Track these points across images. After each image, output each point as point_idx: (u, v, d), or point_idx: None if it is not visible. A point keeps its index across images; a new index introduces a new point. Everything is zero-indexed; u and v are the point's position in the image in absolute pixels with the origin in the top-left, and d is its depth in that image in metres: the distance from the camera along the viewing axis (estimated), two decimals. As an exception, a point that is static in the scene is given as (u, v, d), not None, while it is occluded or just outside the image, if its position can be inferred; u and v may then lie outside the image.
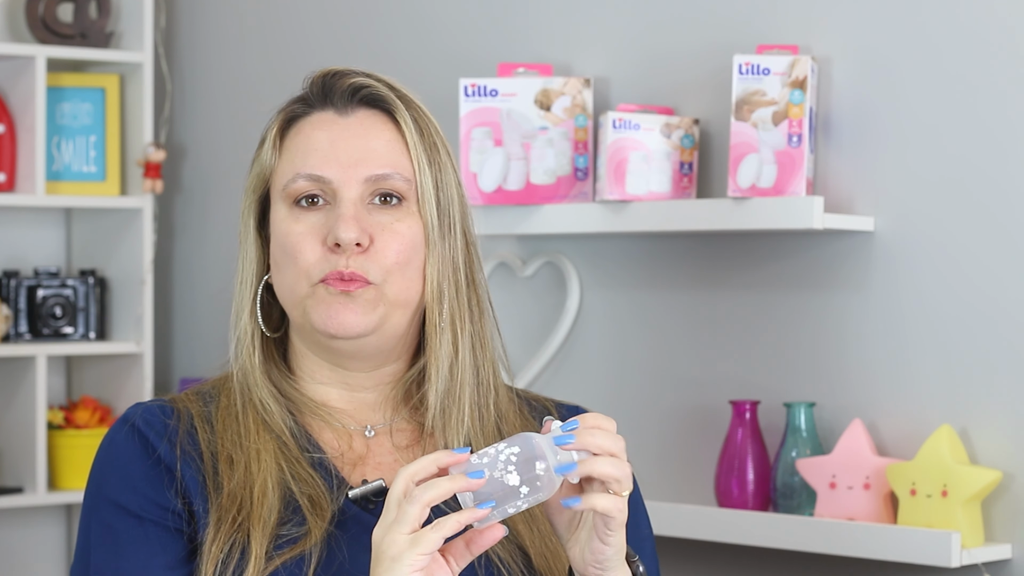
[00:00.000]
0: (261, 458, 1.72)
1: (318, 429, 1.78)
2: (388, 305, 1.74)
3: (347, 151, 1.75)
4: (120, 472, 1.73)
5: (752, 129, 2.56)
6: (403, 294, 1.75)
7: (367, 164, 1.75)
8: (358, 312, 1.72)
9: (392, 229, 1.74)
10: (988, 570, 2.46)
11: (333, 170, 1.74)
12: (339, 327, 1.72)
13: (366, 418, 1.80)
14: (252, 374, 1.78)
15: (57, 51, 3.45)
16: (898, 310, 2.56)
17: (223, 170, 3.56)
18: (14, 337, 3.50)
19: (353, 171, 1.74)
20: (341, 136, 1.76)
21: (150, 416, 1.75)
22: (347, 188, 1.74)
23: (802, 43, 2.63)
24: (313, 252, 1.73)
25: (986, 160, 2.47)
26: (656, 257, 2.83)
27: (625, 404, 2.85)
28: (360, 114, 1.78)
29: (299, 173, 1.75)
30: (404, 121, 1.77)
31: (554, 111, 2.77)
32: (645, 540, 1.85)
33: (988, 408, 2.47)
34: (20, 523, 3.57)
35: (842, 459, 2.54)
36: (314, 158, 1.75)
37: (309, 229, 1.74)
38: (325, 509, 1.70)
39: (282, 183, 1.77)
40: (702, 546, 2.74)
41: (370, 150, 1.76)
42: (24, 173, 3.44)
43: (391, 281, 1.73)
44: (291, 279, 1.74)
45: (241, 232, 1.81)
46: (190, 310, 3.66)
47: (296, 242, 1.74)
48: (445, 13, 3.12)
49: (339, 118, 1.77)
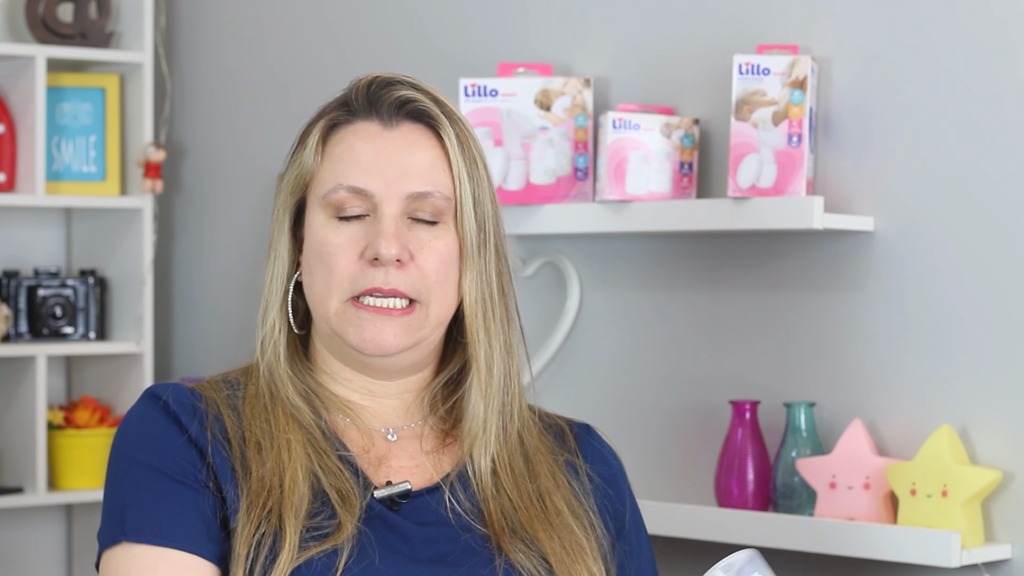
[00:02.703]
0: (292, 447, 1.73)
1: (343, 427, 1.78)
2: (430, 327, 1.75)
3: (391, 165, 1.75)
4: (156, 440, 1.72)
5: (752, 129, 2.56)
6: (443, 312, 1.77)
7: (410, 180, 1.75)
8: (397, 333, 1.74)
9: (431, 247, 1.75)
10: (988, 570, 2.46)
11: (376, 184, 1.74)
12: (375, 347, 1.74)
13: (388, 421, 1.80)
14: (277, 371, 1.78)
15: (57, 51, 3.45)
16: (898, 310, 2.56)
17: (223, 170, 3.56)
18: (14, 337, 3.50)
19: (396, 186, 1.74)
20: (385, 150, 1.76)
21: (180, 396, 1.75)
22: (388, 203, 1.74)
23: (802, 43, 2.63)
24: (350, 264, 1.74)
25: (986, 160, 2.47)
26: (656, 257, 2.83)
27: (625, 404, 2.85)
28: (405, 128, 1.77)
29: (341, 183, 1.75)
30: (448, 138, 1.77)
31: (554, 111, 2.77)
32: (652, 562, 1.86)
33: (988, 408, 2.47)
34: (20, 523, 3.57)
35: (842, 459, 2.54)
36: (357, 170, 1.75)
37: (347, 241, 1.74)
38: (354, 504, 1.70)
39: (323, 190, 1.76)
40: (702, 546, 2.74)
41: (413, 166, 1.76)
42: (24, 173, 3.44)
43: (433, 300, 1.75)
44: (323, 289, 1.75)
45: (274, 230, 1.81)
46: (190, 310, 3.66)
47: (332, 252, 1.74)
48: (445, 13, 3.12)
49: (384, 131, 1.77)
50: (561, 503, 1.78)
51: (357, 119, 1.78)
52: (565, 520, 1.76)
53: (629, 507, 1.86)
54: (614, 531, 1.82)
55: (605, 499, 1.82)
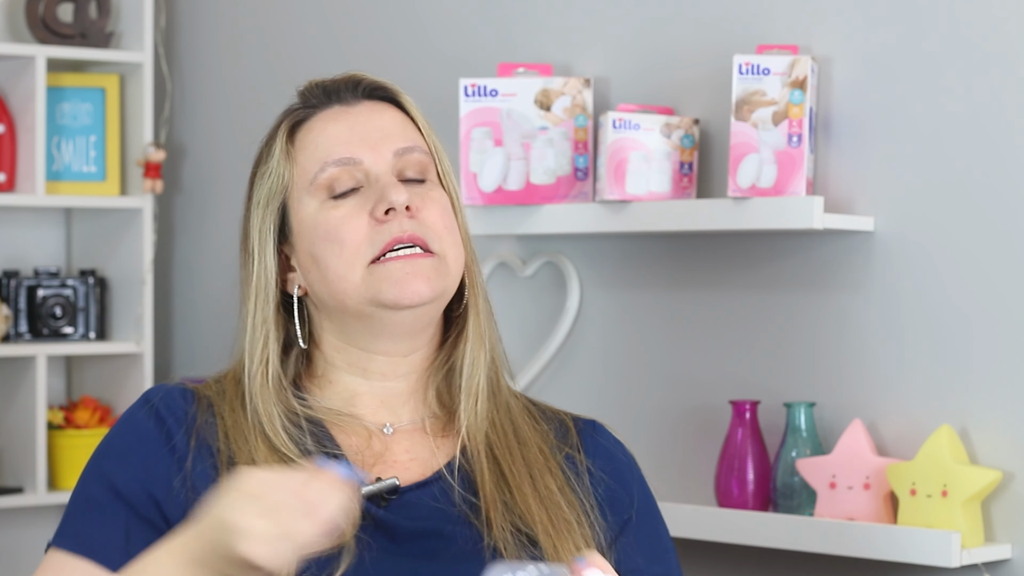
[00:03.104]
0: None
1: (337, 430, 1.78)
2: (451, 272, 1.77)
3: (367, 131, 1.78)
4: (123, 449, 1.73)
5: (752, 129, 2.56)
6: (459, 261, 1.78)
7: (391, 139, 1.78)
8: (430, 277, 1.74)
9: (430, 198, 1.78)
10: (988, 570, 2.46)
11: (361, 150, 1.77)
12: (414, 294, 1.73)
13: (386, 416, 1.80)
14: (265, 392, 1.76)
15: (57, 51, 3.45)
16: (898, 310, 2.56)
17: (223, 170, 3.56)
18: (14, 337, 3.50)
19: (380, 147, 1.77)
20: (357, 120, 1.79)
21: (171, 400, 1.76)
22: (378, 164, 1.77)
23: (802, 43, 2.63)
24: (360, 229, 1.74)
25: (986, 160, 2.47)
26: (656, 257, 2.83)
27: (625, 404, 2.85)
28: (366, 103, 1.81)
29: (327, 161, 1.77)
30: (408, 104, 1.82)
31: (554, 111, 2.77)
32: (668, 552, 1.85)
33: (988, 408, 2.47)
34: (20, 523, 3.57)
35: (842, 459, 2.54)
36: (337, 144, 1.77)
37: (350, 211, 1.75)
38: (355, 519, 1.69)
39: (308, 178, 1.77)
40: (702, 546, 2.74)
41: (387, 128, 1.79)
42: (24, 173, 3.44)
43: (447, 247, 1.76)
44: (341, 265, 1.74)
45: (253, 249, 1.79)
46: (190, 310, 3.66)
47: (339, 225, 1.75)
48: (445, 13, 3.12)
49: (348, 109, 1.80)
50: (552, 484, 1.77)
51: (317, 110, 1.81)
52: (555, 498, 1.76)
53: (638, 500, 1.84)
54: (616, 525, 1.81)
55: (607, 493, 1.82)
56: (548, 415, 1.86)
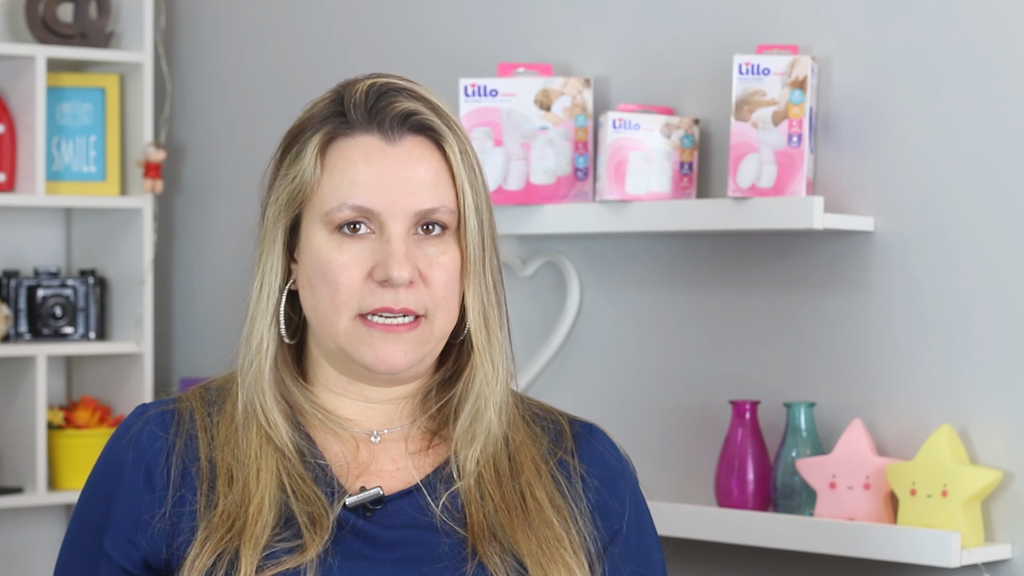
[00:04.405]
0: (261, 477, 1.72)
1: (323, 438, 1.78)
2: (435, 341, 1.75)
3: (395, 183, 1.73)
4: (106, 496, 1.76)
5: (752, 129, 2.56)
6: (447, 325, 1.76)
7: (416, 197, 1.73)
8: (407, 351, 1.73)
9: (438, 262, 1.74)
10: (988, 570, 2.46)
11: (382, 202, 1.72)
12: (386, 366, 1.73)
13: (374, 425, 1.80)
14: (260, 384, 1.76)
15: (57, 51, 3.45)
16: (898, 310, 2.56)
17: (223, 170, 3.56)
18: (14, 337, 3.50)
19: (402, 204, 1.73)
20: (390, 168, 1.73)
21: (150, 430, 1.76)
22: (395, 222, 1.73)
23: (802, 43, 2.63)
24: (356, 283, 1.72)
25: (986, 160, 2.47)
26: (656, 257, 2.83)
27: (625, 404, 2.85)
28: (407, 142, 1.75)
29: (345, 203, 1.73)
30: (451, 150, 1.75)
31: (554, 111, 2.77)
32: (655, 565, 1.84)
33: (988, 408, 2.47)
34: (20, 523, 3.57)
35: (842, 459, 2.54)
36: (362, 189, 1.73)
37: (353, 259, 1.73)
38: (325, 528, 1.69)
39: (325, 208, 1.74)
40: (702, 546, 2.74)
41: (418, 181, 1.73)
42: (24, 173, 3.44)
43: (439, 315, 1.74)
44: (329, 307, 1.73)
45: (265, 240, 1.78)
46: (190, 310, 3.66)
47: (338, 271, 1.72)
48: (445, 13, 3.12)
49: (387, 146, 1.74)
50: (542, 495, 1.77)
51: (356, 132, 1.75)
52: (545, 515, 1.75)
53: (630, 509, 1.83)
54: (607, 533, 1.80)
55: (599, 500, 1.81)
56: (543, 416, 1.85)
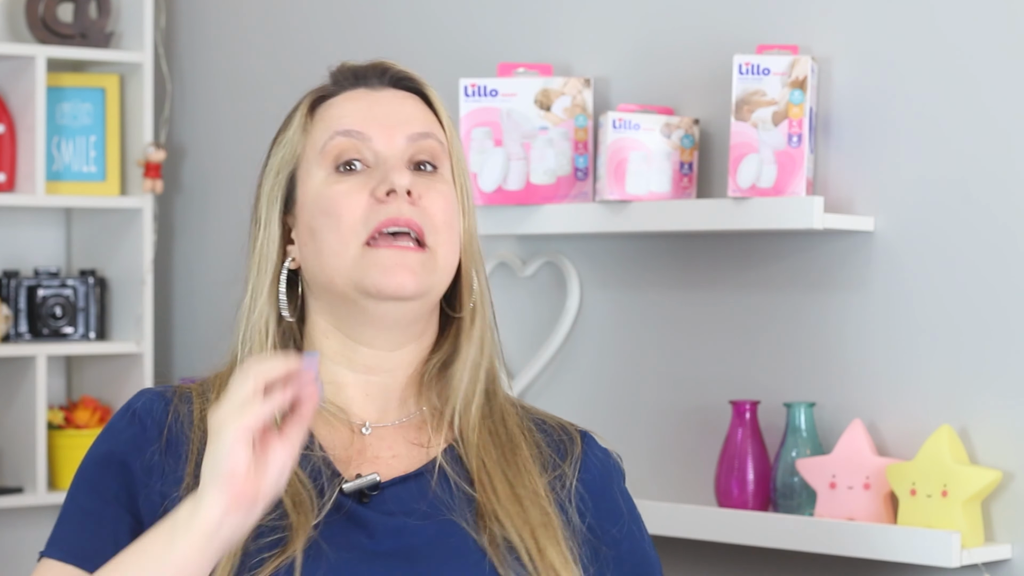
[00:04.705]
0: None
1: (314, 423, 1.77)
2: (439, 270, 1.75)
3: (385, 114, 1.78)
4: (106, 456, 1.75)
5: (752, 129, 2.56)
6: (450, 258, 1.77)
7: (408, 124, 1.78)
8: (417, 272, 1.73)
9: (436, 190, 1.76)
10: (988, 570, 2.46)
11: (373, 128, 1.77)
12: (398, 287, 1.72)
13: (372, 412, 1.79)
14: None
15: (57, 51, 3.46)
16: (898, 310, 2.56)
17: (223, 170, 3.56)
18: (14, 337, 3.50)
19: (395, 130, 1.77)
20: (377, 102, 1.79)
21: (151, 405, 1.78)
22: (389, 147, 1.76)
23: (802, 43, 2.63)
24: (359, 206, 1.73)
25: (986, 160, 2.47)
26: (656, 257, 2.83)
27: (625, 404, 2.85)
28: (391, 90, 1.82)
29: (336, 130, 1.77)
30: (433, 96, 1.82)
31: (554, 111, 2.77)
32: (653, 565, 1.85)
33: (988, 408, 2.47)
34: (20, 523, 3.57)
35: (842, 459, 2.54)
36: (351, 118, 1.77)
37: (352, 187, 1.75)
38: (310, 512, 1.69)
39: (318, 146, 1.77)
40: (702, 546, 2.74)
41: (407, 113, 1.79)
42: (24, 173, 3.44)
43: (440, 242, 1.75)
44: (336, 241, 1.73)
45: (261, 216, 1.79)
46: (190, 310, 3.66)
47: (338, 200, 1.74)
48: (445, 13, 3.12)
49: (372, 92, 1.81)
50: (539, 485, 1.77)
51: (343, 90, 1.82)
52: (541, 503, 1.75)
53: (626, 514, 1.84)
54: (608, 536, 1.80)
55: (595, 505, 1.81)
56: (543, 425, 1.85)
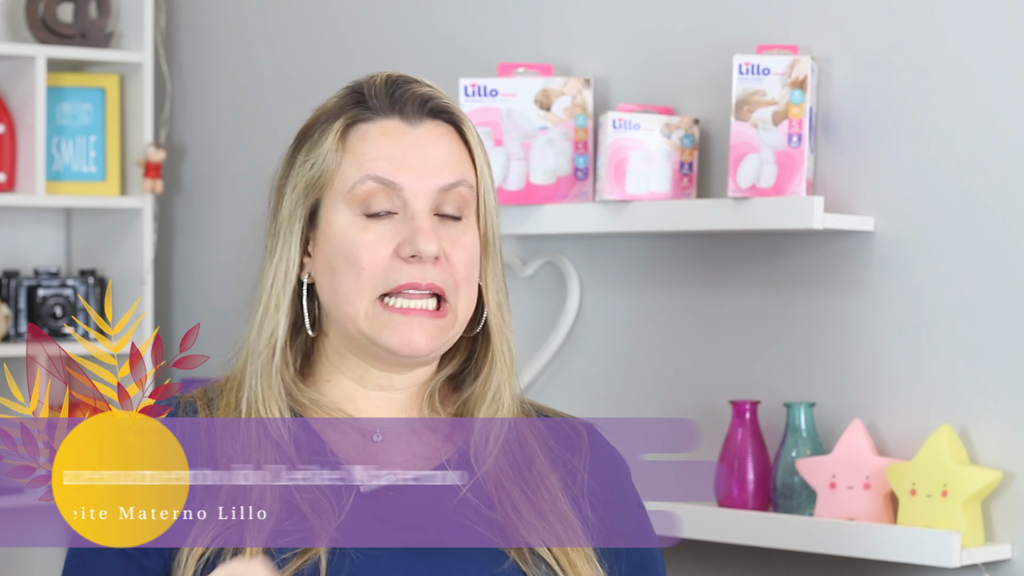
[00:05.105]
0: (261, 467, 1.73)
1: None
2: (458, 324, 1.76)
3: (419, 159, 1.74)
4: None
5: (752, 129, 2.56)
6: (469, 308, 1.77)
7: (438, 174, 1.75)
8: (432, 335, 1.74)
9: (460, 242, 1.75)
10: (988, 570, 2.46)
11: (405, 177, 1.74)
12: (411, 349, 1.73)
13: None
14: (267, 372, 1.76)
15: (57, 51, 3.45)
16: (898, 310, 2.56)
17: (223, 170, 3.56)
18: (14, 337, 3.50)
19: (425, 180, 1.74)
20: (412, 145, 1.75)
21: None
22: (419, 199, 1.74)
23: (802, 43, 2.63)
24: (381, 261, 1.72)
25: (986, 160, 2.47)
26: (656, 257, 2.83)
27: (625, 404, 2.85)
28: (427, 125, 1.77)
29: (368, 175, 1.73)
30: (469, 132, 1.78)
31: (554, 111, 2.77)
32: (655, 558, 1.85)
33: (988, 408, 2.47)
34: (20, 523, 3.57)
35: (842, 459, 2.54)
36: (385, 163, 1.74)
37: (377, 238, 1.73)
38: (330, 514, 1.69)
39: (347, 184, 1.74)
40: (702, 546, 2.74)
41: (440, 159, 1.75)
42: (24, 173, 3.44)
43: (461, 298, 1.75)
44: (351, 288, 1.73)
45: (282, 228, 1.78)
46: (190, 310, 3.66)
47: (362, 249, 1.73)
48: (445, 13, 3.12)
49: (408, 127, 1.76)
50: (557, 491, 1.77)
51: (378, 116, 1.77)
52: (559, 507, 1.76)
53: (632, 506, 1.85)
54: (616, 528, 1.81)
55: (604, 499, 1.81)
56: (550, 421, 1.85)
